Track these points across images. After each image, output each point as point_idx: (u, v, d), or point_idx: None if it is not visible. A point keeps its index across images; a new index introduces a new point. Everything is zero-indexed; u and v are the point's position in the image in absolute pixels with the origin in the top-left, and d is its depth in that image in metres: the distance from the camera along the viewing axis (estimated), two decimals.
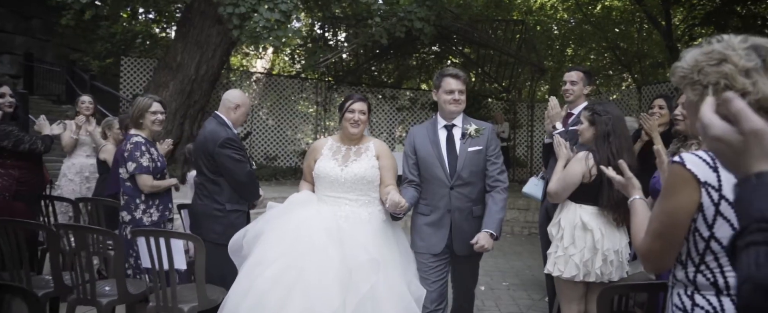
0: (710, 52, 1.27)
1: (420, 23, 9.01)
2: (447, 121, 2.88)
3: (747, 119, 0.77)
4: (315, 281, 2.29)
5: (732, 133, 0.80)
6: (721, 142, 0.81)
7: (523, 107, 13.35)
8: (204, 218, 3.07)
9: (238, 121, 3.25)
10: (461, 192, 2.79)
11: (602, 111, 2.56)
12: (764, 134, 0.75)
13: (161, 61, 10.66)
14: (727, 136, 0.80)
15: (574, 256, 2.60)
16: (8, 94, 3.47)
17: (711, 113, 0.86)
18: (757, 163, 0.75)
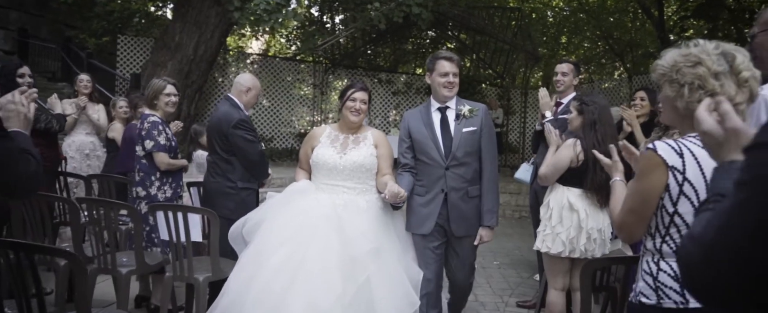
0: (687, 54, 1.48)
1: (418, 9, 9.12)
2: (440, 103, 2.91)
3: (730, 119, 0.99)
4: (317, 269, 2.33)
5: (717, 129, 1.01)
6: (708, 135, 1.03)
7: (516, 94, 13.56)
8: (217, 195, 3.27)
9: (250, 104, 3.43)
10: (456, 172, 2.82)
11: (590, 101, 2.78)
12: (740, 132, 0.97)
13: (159, 40, 10.69)
14: (713, 131, 1.02)
15: (561, 234, 2.84)
16: (27, 74, 3.61)
17: (705, 112, 1.08)
18: (731, 153, 0.97)
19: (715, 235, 0.73)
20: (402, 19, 9.66)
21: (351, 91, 2.83)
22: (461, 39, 13.88)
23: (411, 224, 2.89)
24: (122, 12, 12.34)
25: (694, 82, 1.45)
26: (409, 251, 2.78)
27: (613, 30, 14.18)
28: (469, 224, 2.85)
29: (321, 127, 3.00)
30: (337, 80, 13.89)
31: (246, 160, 3.26)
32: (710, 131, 1.02)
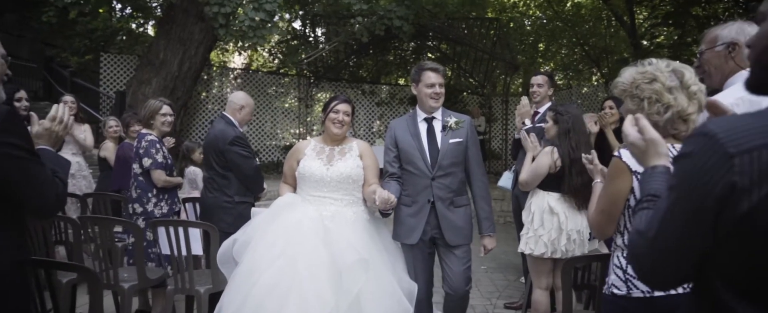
0: (644, 72, 1.69)
1: (399, 21, 9.36)
2: (427, 114, 2.93)
3: (648, 132, 1.19)
4: (309, 284, 2.32)
5: (639, 140, 1.21)
6: (633, 146, 1.23)
7: (497, 102, 13.86)
8: (215, 210, 3.39)
9: (244, 120, 3.58)
10: (442, 183, 2.84)
11: (564, 111, 2.99)
12: (657, 142, 1.17)
13: (144, 58, 10.74)
14: (636, 142, 1.22)
15: (542, 236, 3.03)
16: (24, 98, 3.70)
17: (630, 126, 1.28)
18: (652, 160, 1.17)
19: (656, 229, 0.91)
20: (383, 31, 9.90)
21: (334, 103, 2.85)
22: (442, 49, 14.17)
23: (398, 234, 2.90)
24: (104, 30, 12.36)
25: (652, 96, 1.65)
26: (399, 263, 2.75)
27: (588, 37, 14.62)
28: (463, 233, 2.87)
29: (305, 140, 3.00)
30: (321, 93, 14.07)
31: (242, 175, 3.39)
32: (634, 142, 1.23)
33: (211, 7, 8.46)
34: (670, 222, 0.88)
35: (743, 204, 0.78)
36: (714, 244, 0.83)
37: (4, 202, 1.52)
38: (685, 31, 9.88)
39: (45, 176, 1.55)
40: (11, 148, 1.47)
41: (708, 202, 0.81)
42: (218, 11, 8.46)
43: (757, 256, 0.79)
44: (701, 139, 0.83)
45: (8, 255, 1.51)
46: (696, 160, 0.83)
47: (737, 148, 0.78)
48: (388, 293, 2.46)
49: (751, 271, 0.81)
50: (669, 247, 0.89)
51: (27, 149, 1.52)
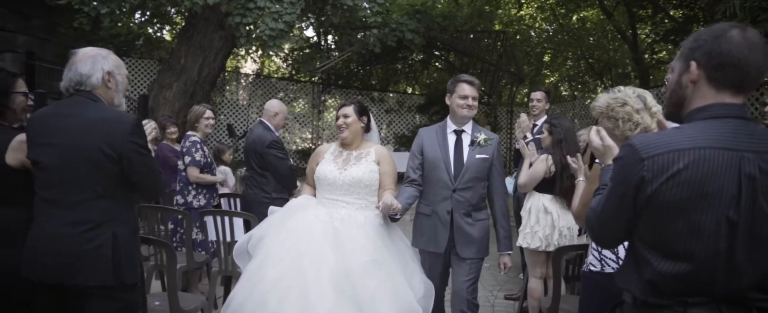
0: (616, 98, 2.15)
1: (411, 34, 9.86)
2: (457, 126, 2.98)
3: (606, 140, 1.67)
4: (311, 282, 2.37)
5: (600, 146, 1.69)
6: (595, 150, 1.71)
7: (503, 111, 14.33)
8: (254, 204, 3.87)
9: (279, 125, 4.07)
10: (463, 196, 2.88)
11: (557, 124, 3.46)
12: (612, 148, 1.65)
13: (165, 63, 11.26)
14: (598, 147, 1.70)
15: (538, 232, 3.49)
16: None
17: (594, 136, 1.76)
18: (608, 160, 1.65)
19: (601, 208, 1.39)
20: (395, 43, 10.40)
21: (338, 108, 2.94)
22: (449, 60, 14.66)
23: (418, 241, 2.99)
24: (127, 35, 12.92)
25: (625, 116, 2.11)
26: (412, 264, 2.74)
27: (593, 50, 15.07)
28: (476, 247, 2.91)
29: (327, 144, 3.05)
30: (333, 99, 14.58)
31: (278, 174, 3.88)
32: (597, 148, 1.71)
33: (233, 17, 8.97)
34: (608, 202, 1.35)
35: (648, 190, 1.25)
36: (634, 215, 1.30)
37: (128, 186, 2.02)
38: None
39: (155, 169, 2.05)
40: (138, 147, 1.97)
41: (629, 189, 1.28)
42: (240, 21, 8.96)
43: (657, 222, 1.26)
44: (627, 148, 1.30)
45: (131, 225, 2.01)
46: (623, 162, 1.31)
47: (646, 154, 1.25)
48: (399, 295, 2.46)
49: (654, 232, 1.28)
50: (608, 218, 1.36)
51: (146, 148, 2.01)
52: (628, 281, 1.38)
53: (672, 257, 1.25)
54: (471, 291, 2.95)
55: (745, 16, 4.15)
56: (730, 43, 1.25)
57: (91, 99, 2.03)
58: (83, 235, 1.97)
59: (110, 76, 2.09)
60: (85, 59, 2.07)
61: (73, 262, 1.96)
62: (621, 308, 1.43)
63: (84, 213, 1.97)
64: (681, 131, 1.28)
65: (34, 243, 1.99)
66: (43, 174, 1.98)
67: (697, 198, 1.21)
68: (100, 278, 1.98)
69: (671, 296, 1.27)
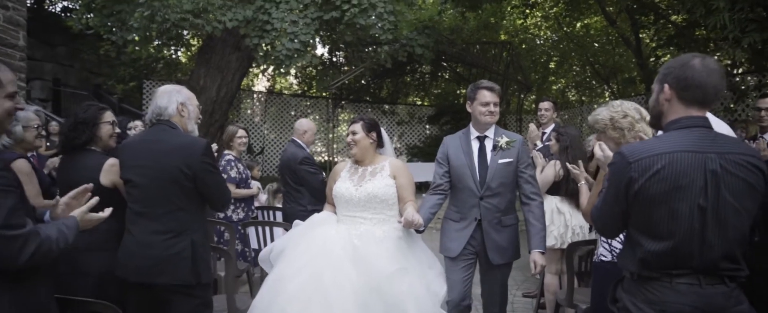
0: (617, 111, 2.47)
1: (421, 49, 10.26)
2: (480, 132, 2.98)
3: (606, 152, 2.02)
4: (332, 296, 2.39)
5: (603, 156, 2.04)
6: (599, 160, 2.06)
7: (512, 119, 14.66)
8: (292, 216, 4.21)
9: (309, 142, 4.45)
10: (490, 202, 2.89)
11: (564, 132, 3.80)
12: None
13: (185, 84, 11.69)
14: (601, 158, 2.05)
15: (553, 231, 3.82)
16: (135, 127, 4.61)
17: (597, 149, 2.10)
18: None
19: (601, 204, 1.73)
20: (405, 57, 10.80)
21: (348, 124, 2.98)
22: (458, 71, 15.06)
23: (444, 247, 3.02)
24: (147, 59, 13.47)
25: (629, 126, 2.44)
26: (431, 271, 2.76)
27: (598, 56, 15.38)
28: (507, 253, 2.95)
29: (343, 163, 3.07)
30: (345, 114, 15.02)
31: (311, 188, 4.24)
32: (600, 159, 2.05)
33: (251, 39, 9.41)
34: (606, 199, 1.70)
35: (636, 186, 1.59)
36: (627, 207, 1.65)
37: (200, 200, 2.40)
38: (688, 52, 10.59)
39: (223, 184, 2.44)
40: (209, 166, 2.36)
41: (621, 187, 1.63)
42: (258, 42, 9.40)
43: (645, 211, 1.61)
44: (618, 155, 1.65)
45: (204, 233, 2.39)
46: (616, 166, 1.66)
47: (633, 159, 1.60)
48: (426, 300, 2.52)
49: (643, 219, 1.62)
50: (607, 212, 1.71)
51: (216, 167, 2.39)
52: (625, 261, 1.72)
53: (658, 238, 1.59)
54: (502, 295, 3.01)
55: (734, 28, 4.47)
56: (693, 70, 1.60)
57: (170, 126, 2.42)
58: (167, 241, 2.35)
59: (183, 107, 2.48)
60: (162, 94, 2.46)
61: (160, 264, 2.34)
62: (622, 283, 1.77)
63: (167, 223, 2.35)
64: (659, 139, 1.63)
65: (126, 248, 2.38)
66: (134, 191, 2.37)
67: (673, 190, 1.56)
68: (182, 278, 2.35)
69: (660, 270, 1.61)
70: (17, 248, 1.43)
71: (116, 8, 10.15)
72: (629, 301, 1.66)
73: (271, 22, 9.21)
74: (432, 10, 11.71)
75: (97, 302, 1.90)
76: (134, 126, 4.60)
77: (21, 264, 1.44)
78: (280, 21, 9.12)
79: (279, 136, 14.07)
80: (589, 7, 13.30)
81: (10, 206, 1.43)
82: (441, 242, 3.05)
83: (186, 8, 8.73)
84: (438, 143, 3.28)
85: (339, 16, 9.10)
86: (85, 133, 2.48)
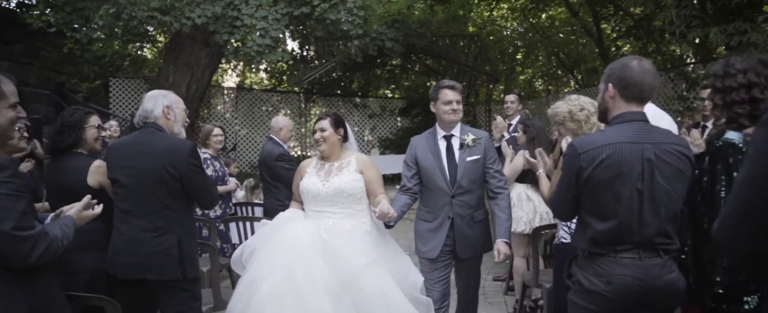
0: (575, 104, 2.69)
1: (390, 43, 10.42)
2: (446, 131, 3.01)
3: None
4: (306, 292, 2.41)
5: None
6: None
7: (481, 110, 14.99)
8: (272, 212, 4.33)
9: (286, 138, 4.58)
10: (462, 200, 2.94)
11: (530, 124, 4.04)
12: None
13: (154, 81, 11.55)
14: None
15: (522, 217, 4.07)
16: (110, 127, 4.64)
17: (564, 142, 2.32)
18: None
19: (557, 190, 1.95)
20: (376, 51, 10.94)
21: (315, 121, 2.99)
22: (427, 64, 15.28)
23: (419, 249, 3.05)
24: (112, 57, 13.19)
25: (585, 119, 2.67)
26: (402, 262, 2.81)
27: (562, 47, 15.84)
28: (475, 247, 3.02)
29: (309, 159, 3.09)
30: (315, 107, 15.07)
31: (287, 183, 4.35)
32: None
33: (221, 35, 9.36)
34: (560, 186, 1.92)
35: (585, 174, 1.81)
36: (578, 193, 1.87)
37: (187, 199, 2.53)
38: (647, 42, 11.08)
39: (210, 184, 2.57)
40: (195, 167, 2.48)
41: (573, 174, 1.85)
42: (228, 39, 9.37)
43: (593, 196, 1.83)
44: (570, 147, 1.87)
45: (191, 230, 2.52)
46: (568, 156, 1.87)
47: (582, 150, 1.82)
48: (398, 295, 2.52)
49: (592, 203, 1.84)
50: (562, 198, 1.93)
51: (201, 168, 2.52)
52: (578, 240, 1.94)
53: (604, 219, 1.82)
54: (474, 289, 3.10)
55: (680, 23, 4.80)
56: (632, 71, 1.83)
57: (157, 129, 2.53)
58: (154, 239, 2.47)
59: (169, 110, 2.59)
60: (149, 98, 2.57)
61: (148, 261, 2.45)
62: (576, 260, 2.00)
63: (154, 221, 2.47)
64: (604, 133, 1.86)
65: (116, 246, 2.48)
66: (122, 190, 2.47)
67: (616, 176, 1.78)
68: (169, 273, 2.47)
69: (606, 246, 1.84)
70: (28, 248, 1.55)
71: (79, 5, 9.95)
72: (581, 275, 1.89)
73: (241, 18, 9.19)
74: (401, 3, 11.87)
75: (96, 297, 2.02)
76: (109, 126, 4.63)
77: (32, 262, 1.56)
78: (250, 17, 9.11)
79: (250, 132, 14.03)
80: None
81: (22, 209, 1.54)
82: (416, 245, 3.08)
83: (153, 5, 8.63)
84: (409, 135, 3.33)
85: (309, 12, 9.15)
86: (70, 137, 2.57)
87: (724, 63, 1.90)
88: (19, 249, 1.53)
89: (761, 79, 1.79)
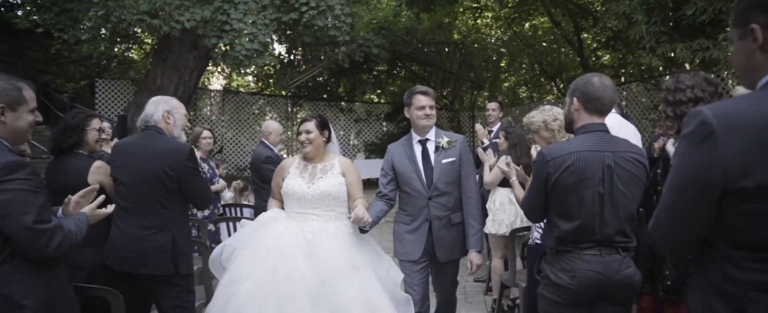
0: (549, 114, 2.90)
1: (377, 50, 10.62)
2: (421, 136, 3.05)
3: None
4: (286, 292, 2.42)
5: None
6: None
7: (465, 116, 15.27)
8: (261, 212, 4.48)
9: (275, 142, 4.73)
10: (439, 202, 2.97)
11: (511, 131, 4.25)
12: None
13: (142, 84, 11.60)
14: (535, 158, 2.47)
15: (504, 220, 4.25)
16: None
17: (534, 150, 2.52)
18: None
19: (528, 194, 2.14)
20: (362, 57, 11.13)
21: (300, 123, 2.98)
22: (413, 70, 15.53)
23: (398, 251, 3.07)
24: (99, 58, 13.16)
25: (558, 128, 2.87)
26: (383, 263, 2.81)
27: (545, 56, 16.23)
28: (453, 250, 3.03)
29: (290, 158, 3.07)
30: (301, 111, 15.20)
31: None
32: None
33: (209, 39, 9.45)
34: (531, 191, 2.11)
35: (552, 179, 2.01)
36: (546, 197, 2.06)
37: (183, 199, 2.67)
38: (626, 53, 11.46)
39: (205, 186, 2.72)
40: (192, 170, 2.63)
41: (542, 180, 2.04)
42: (217, 43, 9.46)
43: (559, 199, 2.02)
44: (539, 155, 2.06)
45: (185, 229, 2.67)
46: (538, 163, 2.07)
47: (550, 157, 2.01)
48: (376, 299, 2.53)
49: (558, 205, 2.04)
50: (532, 201, 2.12)
51: (198, 170, 2.67)
52: (547, 239, 2.14)
53: (569, 219, 2.02)
54: (452, 291, 3.11)
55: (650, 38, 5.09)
56: (593, 86, 2.04)
57: (158, 132, 2.68)
58: (150, 236, 2.60)
59: (169, 114, 2.74)
60: (151, 103, 2.73)
61: (143, 256, 2.59)
62: (545, 257, 2.19)
63: (151, 219, 2.61)
64: (569, 142, 2.07)
65: (114, 241, 2.62)
66: (122, 188, 2.61)
67: (580, 181, 1.98)
68: (163, 269, 2.61)
69: (571, 244, 2.03)
70: (46, 240, 1.69)
71: (67, 6, 9.97)
72: (549, 270, 2.08)
73: (229, 22, 9.29)
74: (387, 10, 12.09)
75: (100, 288, 2.15)
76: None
77: (49, 253, 1.70)
78: (238, 21, 9.23)
79: (237, 134, 14.10)
80: (536, 9, 14.02)
81: (41, 203, 1.69)
82: (395, 247, 3.11)
83: (142, 8, 8.70)
84: (395, 140, 3.40)
85: (297, 18, 9.30)
86: (72, 138, 2.69)
87: (675, 79, 2.13)
88: (38, 241, 1.67)
89: (705, 94, 2.03)
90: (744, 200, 1.02)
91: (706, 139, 1.04)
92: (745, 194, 1.01)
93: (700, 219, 1.07)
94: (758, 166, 0.99)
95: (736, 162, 1.01)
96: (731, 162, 1.01)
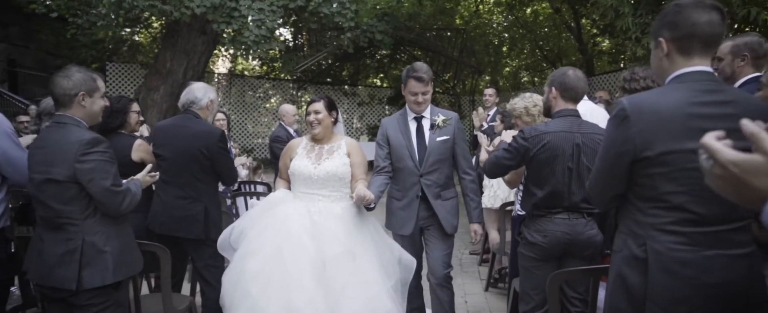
0: (530, 101, 3.27)
1: (380, 35, 10.92)
2: (416, 113, 3.09)
3: (504, 137, 2.84)
4: (292, 271, 2.47)
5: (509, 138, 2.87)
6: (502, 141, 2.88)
7: (466, 100, 15.60)
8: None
9: (290, 123, 5.16)
10: (429, 179, 3.02)
11: (507, 114, 4.63)
12: None
13: (152, 67, 11.94)
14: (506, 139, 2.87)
15: (500, 195, 4.66)
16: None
17: (505, 135, 2.91)
18: None
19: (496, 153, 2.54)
20: (366, 43, 11.44)
21: (308, 104, 2.99)
22: (415, 55, 15.82)
23: (391, 224, 3.15)
24: (109, 42, 13.48)
25: (537, 113, 3.25)
26: (389, 251, 2.82)
27: (545, 41, 16.46)
28: (447, 224, 3.06)
29: (298, 139, 3.12)
30: (306, 95, 15.54)
31: None
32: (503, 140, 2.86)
33: (218, 24, 9.77)
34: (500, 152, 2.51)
35: (531, 153, 2.40)
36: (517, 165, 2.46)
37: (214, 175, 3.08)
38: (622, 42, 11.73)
39: (232, 164, 3.12)
40: (222, 150, 3.03)
41: (518, 151, 2.44)
42: (225, 28, 9.78)
43: (536, 171, 2.42)
44: (520, 133, 2.46)
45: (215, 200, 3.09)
46: (518, 141, 2.46)
47: (529, 136, 2.40)
48: (369, 288, 2.53)
49: (535, 176, 2.44)
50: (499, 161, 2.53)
51: (227, 150, 3.07)
52: (525, 205, 2.55)
53: (542, 188, 2.42)
54: (445, 265, 3.10)
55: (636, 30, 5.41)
56: (568, 77, 2.42)
57: (195, 116, 3.09)
58: (186, 205, 3.02)
59: (211, 103, 3.16)
60: (199, 89, 3.15)
61: (179, 222, 3.01)
62: (524, 222, 2.60)
63: (187, 191, 3.02)
64: (547, 125, 2.46)
65: (155, 208, 3.05)
66: (163, 163, 3.03)
67: (553, 157, 2.38)
68: (195, 233, 3.04)
69: (545, 209, 2.44)
70: (120, 200, 2.12)
71: None
72: (527, 232, 2.49)
73: (238, 8, 9.60)
74: None
75: (151, 244, 2.58)
76: None
77: (122, 210, 2.13)
78: (247, 8, 9.53)
79: (241, 117, 14.47)
80: None
81: (115, 171, 2.11)
82: (389, 220, 3.17)
83: None
84: None
85: (304, 5, 9.60)
86: (117, 120, 3.10)
87: (631, 71, 2.52)
88: (114, 200, 2.09)
89: (655, 85, 2.40)
90: (647, 165, 1.42)
91: (623, 122, 1.43)
92: (648, 161, 1.41)
93: (619, 180, 1.47)
94: (657, 141, 1.39)
95: (641, 138, 1.40)
96: (639, 138, 1.41)
